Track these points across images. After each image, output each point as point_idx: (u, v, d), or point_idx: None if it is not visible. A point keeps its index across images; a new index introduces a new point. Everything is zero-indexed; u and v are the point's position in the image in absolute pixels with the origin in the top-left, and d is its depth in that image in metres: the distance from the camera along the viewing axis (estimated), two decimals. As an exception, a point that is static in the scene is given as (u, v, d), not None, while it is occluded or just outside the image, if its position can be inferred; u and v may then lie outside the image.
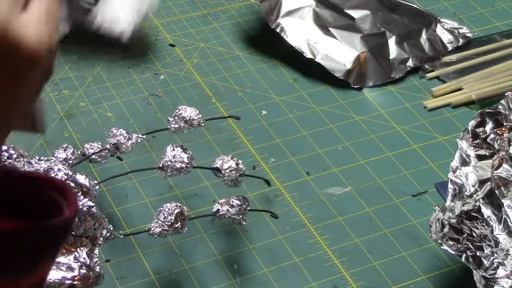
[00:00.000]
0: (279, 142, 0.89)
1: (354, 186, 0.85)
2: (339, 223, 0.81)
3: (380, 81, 0.97)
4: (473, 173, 0.73)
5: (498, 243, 0.70)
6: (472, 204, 0.71)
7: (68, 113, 0.91)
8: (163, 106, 0.92)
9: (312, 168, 0.87)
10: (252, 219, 0.81)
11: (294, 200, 0.83)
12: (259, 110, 0.93)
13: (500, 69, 1.00)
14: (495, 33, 1.06)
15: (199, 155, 0.87)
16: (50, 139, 0.87)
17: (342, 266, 0.77)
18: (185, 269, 0.76)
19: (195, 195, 0.83)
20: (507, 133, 0.74)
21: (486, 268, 0.69)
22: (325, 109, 0.94)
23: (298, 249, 0.79)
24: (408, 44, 1.00)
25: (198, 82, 0.96)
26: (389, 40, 1.00)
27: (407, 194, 0.85)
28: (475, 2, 1.11)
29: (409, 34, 1.01)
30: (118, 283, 0.75)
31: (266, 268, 0.77)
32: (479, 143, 0.75)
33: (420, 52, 1.00)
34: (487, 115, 0.76)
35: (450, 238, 0.70)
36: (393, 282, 0.76)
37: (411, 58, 0.99)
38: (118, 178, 0.84)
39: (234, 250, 0.78)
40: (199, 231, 0.79)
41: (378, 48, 0.99)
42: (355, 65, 0.97)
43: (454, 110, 0.95)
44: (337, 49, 0.98)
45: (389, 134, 0.91)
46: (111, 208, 0.81)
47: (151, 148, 0.87)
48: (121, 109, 0.92)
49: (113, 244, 0.78)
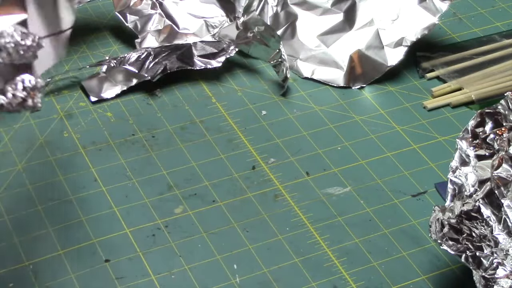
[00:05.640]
0: (279, 142, 0.89)
1: (354, 186, 0.85)
2: (339, 223, 0.81)
3: (380, 73, 0.97)
4: (472, 173, 0.74)
5: (498, 243, 0.70)
6: (471, 204, 0.72)
7: (68, 113, 0.91)
8: (163, 106, 0.92)
9: (312, 168, 0.87)
10: (252, 219, 0.81)
11: (294, 200, 0.83)
12: (259, 110, 0.93)
13: (500, 69, 1.00)
14: (495, 33, 1.06)
15: (199, 155, 0.87)
16: (50, 139, 0.88)
17: (342, 266, 0.77)
18: (185, 269, 0.76)
19: (195, 195, 0.83)
20: (507, 133, 0.74)
21: (485, 268, 0.69)
22: (325, 109, 0.94)
23: (298, 249, 0.79)
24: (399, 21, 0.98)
25: (198, 82, 0.96)
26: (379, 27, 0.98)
27: (407, 194, 0.85)
28: (475, 2, 1.11)
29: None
30: (118, 283, 0.75)
31: (266, 268, 0.77)
32: (479, 143, 0.75)
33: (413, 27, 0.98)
34: (486, 115, 0.76)
35: (450, 238, 0.70)
36: (393, 282, 0.76)
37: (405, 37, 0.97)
38: (118, 178, 0.84)
39: (234, 250, 0.78)
40: (199, 231, 0.80)
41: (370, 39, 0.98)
42: (350, 67, 0.97)
43: (454, 110, 0.95)
44: (328, 58, 0.98)
45: (389, 134, 0.91)
46: (111, 208, 0.81)
47: (151, 148, 0.87)
48: (121, 109, 0.92)
49: (113, 244, 0.78)
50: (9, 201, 0.81)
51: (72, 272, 0.75)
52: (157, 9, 1.00)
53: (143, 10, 1.00)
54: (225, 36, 0.98)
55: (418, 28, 0.97)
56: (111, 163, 0.85)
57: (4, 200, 0.81)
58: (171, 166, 0.85)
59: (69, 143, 0.87)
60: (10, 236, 0.78)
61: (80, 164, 0.85)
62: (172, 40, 0.99)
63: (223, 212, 0.81)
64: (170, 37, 0.99)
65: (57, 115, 0.90)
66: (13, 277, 0.74)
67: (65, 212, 0.80)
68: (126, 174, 0.84)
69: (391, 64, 0.97)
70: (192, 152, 0.87)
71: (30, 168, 0.84)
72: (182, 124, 0.91)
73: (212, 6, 1.01)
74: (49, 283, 0.74)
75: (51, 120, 0.90)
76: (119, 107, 0.92)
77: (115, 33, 1.01)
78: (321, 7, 1.01)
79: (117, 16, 0.99)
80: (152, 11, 1.00)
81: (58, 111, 0.91)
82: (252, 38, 0.96)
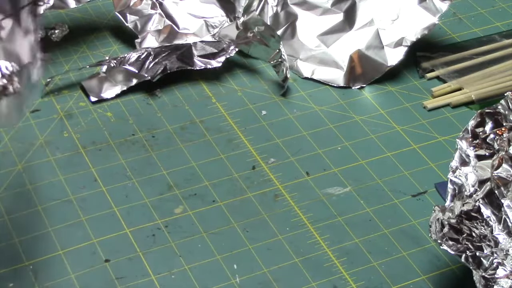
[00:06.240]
0: (279, 142, 0.89)
1: (354, 186, 0.85)
2: (339, 223, 0.81)
3: (380, 73, 0.97)
4: (472, 173, 0.74)
5: (498, 243, 0.70)
6: (471, 204, 0.72)
7: (68, 113, 0.91)
8: (163, 106, 0.92)
9: (312, 168, 0.87)
10: (252, 219, 0.81)
11: (294, 200, 0.83)
12: (259, 110, 0.93)
13: (500, 69, 1.00)
14: (495, 33, 1.06)
15: (199, 155, 0.87)
16: (50, 139, 0.88)
17: (342, 266, 0.77)
18: (185, 269, 0.76)
19: (195, 195, 0.83)
20: (507, 133, 0.74)
21: (485, 268, 0.69)
22: (325, 109, 0.94)
23: (298, 249, 0.79)
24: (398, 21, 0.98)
25: (198, 82, 0.96)
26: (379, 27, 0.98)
27: (407, 194, 0.85)
28: (475, 2, 1.11)
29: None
30: (118, 283, 0.75)
31: (266, 268, 0.77)
32: (479, 143, 0.75)
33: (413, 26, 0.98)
34: (486, 115, 0.76)
35: (450, 238, 0.70)
36: (393, 282, 0.76)
37: (405, 37, 0.98)
38: (118, 178, 0.84)
39: (234, 250, 0.78)
40: (199, 231, 0.80)
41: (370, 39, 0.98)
42: (350, 67, 0.97)
43: (454, 110, 0.95)
44: (328, 58, 0.98)
45: (389, 134, 0.91)
46: (111, 208, 0.81)
47: (151, 148, 0.87)
48: (120, 109, 0.92)
49: (113, 244, 0.78)
50: (9, 201, 0.81)
51: (72, 272, 0.75)
52: (157, 9, 1.00)
53: (143, 10, 1.00)
54: (225, 36, 0.98)
55: (418, 28, 0.97)
56: (111, 163, 0.85)
57: (4, 200, 0.81)
58: (171, 166, 0.85)
59: (69, 143, 0.87)
60: (10, 236, 0.78)
61: (80, 164, 0.85)
62: (172, 40, 0.99)
63: (223, 212, 0.81)
64: (170, 37, 0.99)
65: (57, 115, 0.90)
66: (13, 277, 0.74)
67: (65, 212, 0.80)
68: (126, 174, 0.84)
69: (391, 64, 0.97)
70: (192, 152, 0.87)
71: (30, 168, 0.84)
72: (182, 124, 0.91)
73: (212, 6, 1.01)
74: (49, 283, 0.74)
75: (51, 120, 0.90)
76: (119, 107, 0.92)
77: (115, 33, 1.01)
78: (321, 7, 1.01)
79: (117, 16, 0.99)
80: (152, 11, 1.00)
81: (58, 111, 0.91)
82: (252, 38, 0.96)
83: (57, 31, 0.96)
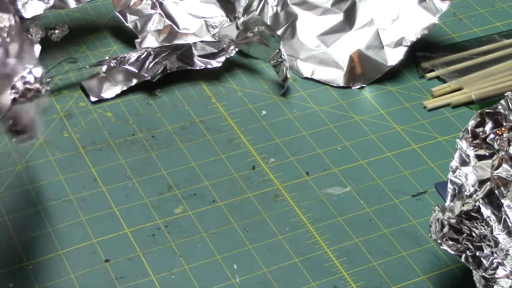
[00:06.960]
0: (279, 142, 0.89)
1: (354, 186, 0.85)
2: (339, 223, 0.81)
3: (380, 73, 0.97)
4: (472, 173, 0.74)
5: (498, 243, 0.70)
6: (471, 204, 0.72)
7: (68, 113, 0.91)
8: (163, 106, 0.92)
9: (312, 168, 0.87)
10: (252, 219, 0.81)
11: (294, 200, 0.83)
12: (259, 110, 0.93)
13: (500, 69, 1.00)
14: (495, 33, 1.06)
15: (199, 155, 0.87)
16: (50, 139, 0.88)
17: (342, 266, 0.77)
18: (185, 269, 0.76)
19: (195, 195, 0.83)
20: (507, 133, 0.74)
21: (485, 268, 0.69)
22: (325, 109, 0.94)
23: (298, 249, 0.79)
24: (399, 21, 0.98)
25: (198, 82, 0.96)
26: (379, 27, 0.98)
27: (407, 194, 0.85)
28: (475, 2, 1.11)
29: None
30: (118, 283, 0.75)
31: (266, 268, 0.77)
32: (479, 143, 0.75)
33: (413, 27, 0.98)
34: (486, 115, 0.76)
35: (450, 238, 0.70)
36: (393, 282, 0.76)
37: (405, 37, 0.97)
38: (118, 178, 0.84)
39: (234, 250, 0.78)
40: (199, 231, 0.80)
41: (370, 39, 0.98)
42: (350, 67, 0.97)
43: (454, 110, 0.95)
44: (328, 58, 0.98)
45: (389, 134, 0.91)
46: (111, 208, 0.81)
47: (151, 148, 0.87)
48: (120, 109, 0.92)
49: (113, 244, 0.78)
50: (9, 201, 0.81)
51: (72, 272, 0.75)
52: (157, 9, 1.00)
53: (143, 10, 1.00)
54: (225, 36, 0.98)
55: (418, 28, 0.97)
56: (111, 163, 0.85)
57: (4, 200, 0.81)
58: (171, 166, 0.85)
59: (69, 143, 0.87)
60: (10, 236, 0.78)
61: (80, 164, 0.85)
62: (172, 40, 0.99)
63: (223, 212, 0.81)
64: (170, 37, 0.99)
65: (57, 115, 0.90)
66: (13, 277, 0.74)
67: (65, 212, 0.80)
68: (126, 174, 0.84)
69: (391, 64, 0.97)
70: (192, 152, 0.87)
71: (30, 168, 0.84)
72: (182, 124, 0.91)
73: (212, 6, 1.01)
74: (49, 283, 0.74)
75: (51, 120, 0.90)
76: (119, 107, 0.92)
77: (115, 33, 1.01)
78: (321, 7, 1.01)
79: (117, 16, 0.99)
80: (152, 11, 1.00)
81: (58, 111, 0.91)
82: (252, 38, 0.96)
83: (57, 31, 0.96)
